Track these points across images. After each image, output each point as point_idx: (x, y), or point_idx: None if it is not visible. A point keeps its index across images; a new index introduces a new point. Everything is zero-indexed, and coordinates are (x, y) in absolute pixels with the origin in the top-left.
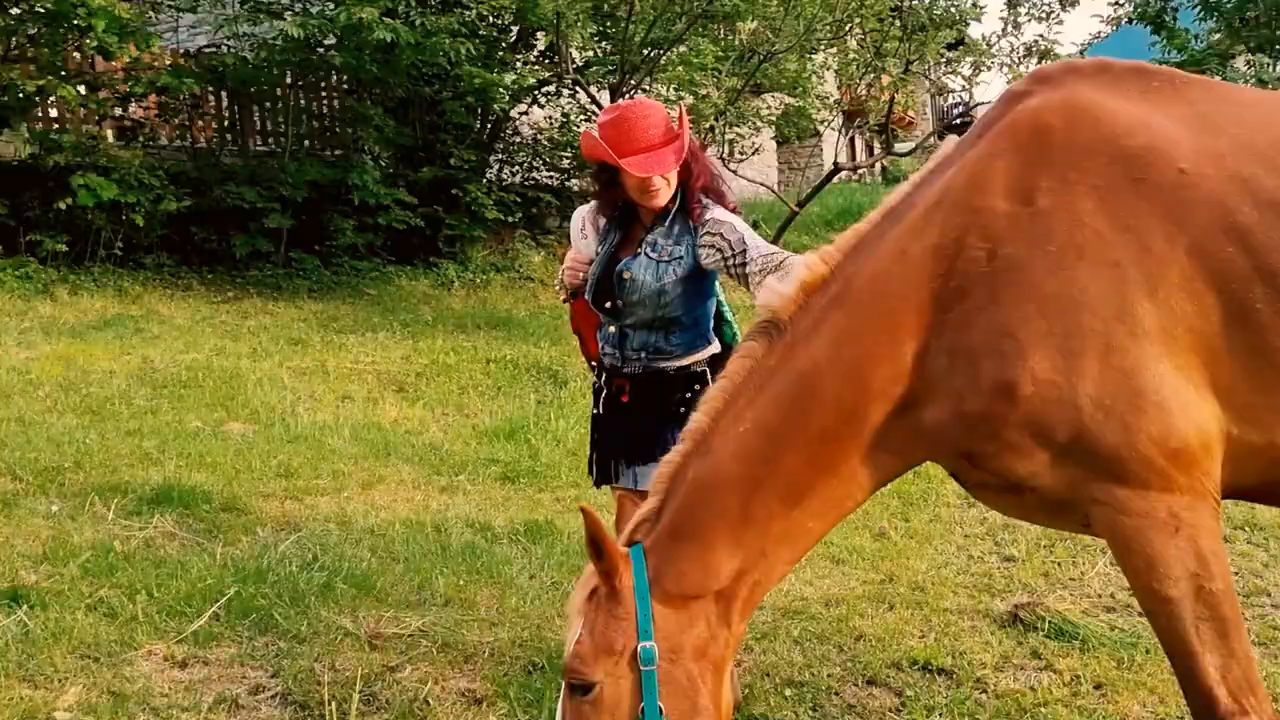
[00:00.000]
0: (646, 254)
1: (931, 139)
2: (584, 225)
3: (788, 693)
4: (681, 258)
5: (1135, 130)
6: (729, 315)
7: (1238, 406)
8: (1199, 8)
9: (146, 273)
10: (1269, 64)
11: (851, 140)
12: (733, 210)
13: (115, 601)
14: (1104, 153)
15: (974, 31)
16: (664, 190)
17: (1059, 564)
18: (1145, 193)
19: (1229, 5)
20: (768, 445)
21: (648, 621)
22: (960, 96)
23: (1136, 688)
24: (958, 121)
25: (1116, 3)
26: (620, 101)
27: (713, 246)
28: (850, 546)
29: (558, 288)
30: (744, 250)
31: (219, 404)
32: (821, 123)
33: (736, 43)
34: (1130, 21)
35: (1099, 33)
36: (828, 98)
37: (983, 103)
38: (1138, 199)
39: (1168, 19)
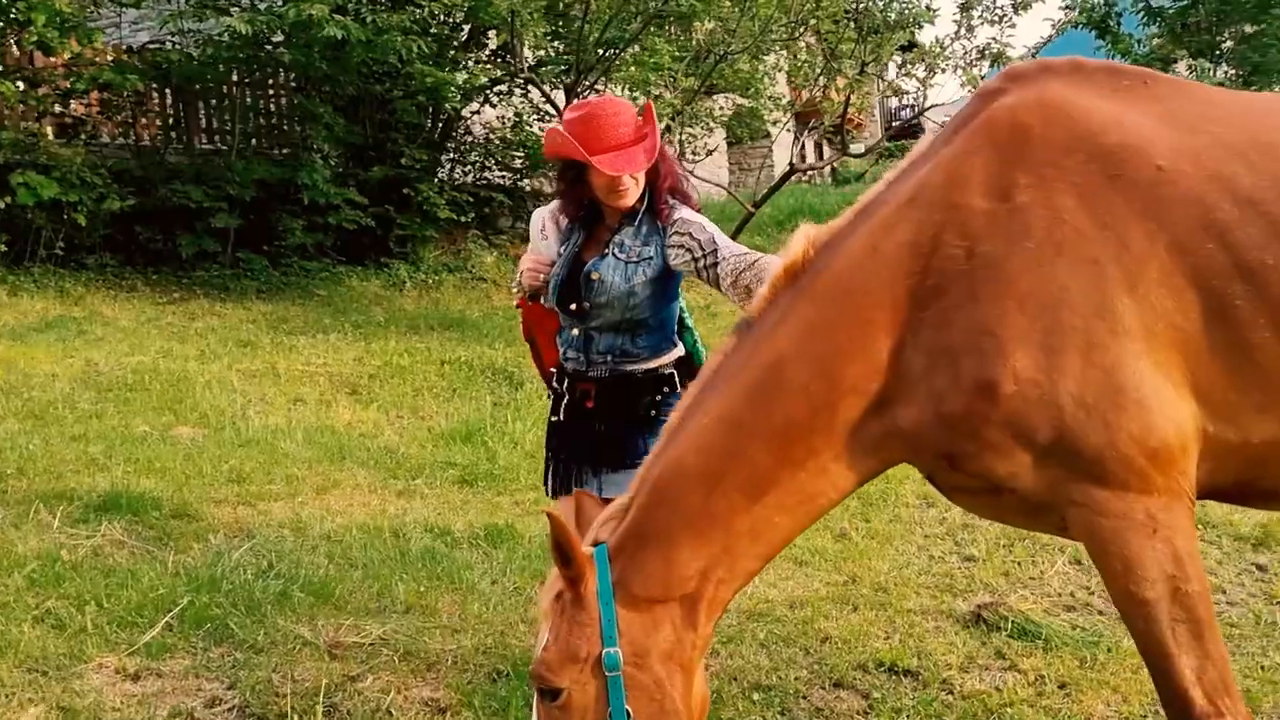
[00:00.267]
0: (614, 255)
1: (882, 142)
2: (544, 226)
3: (755, 697)
4: (651, 258)
5: (1110, 127)
6: (689, 321)
7: (1215, 404)
8: (1142, 13)
9: (89, 273)
10: (1209, 69)
11: (802, 142)
12: (696, 211)
13: (63, 613)
14: (1081, 150)
15: (927, 34)
16: (632, 190)
17: (1019, 563)
18: (1123, 189)
19: (1171, 11)
20: (730, 437)
21: (612, 627)
22: (911, 99)
23: (1100, 687)
24: (911, 122)
25: (1068, 6)
26: (588, 98)
27: (682, 246)
28: (812, 548)
29: (514, 289)
30: (715, 250)
31: (167, 407)
32: (774, 124)
33: (693, 43)
34: (1075, 26)
35: (1048, 36)
36: (780, 99)
37: (937, 104)
38: (1116, 196)
39: (1112, 24)
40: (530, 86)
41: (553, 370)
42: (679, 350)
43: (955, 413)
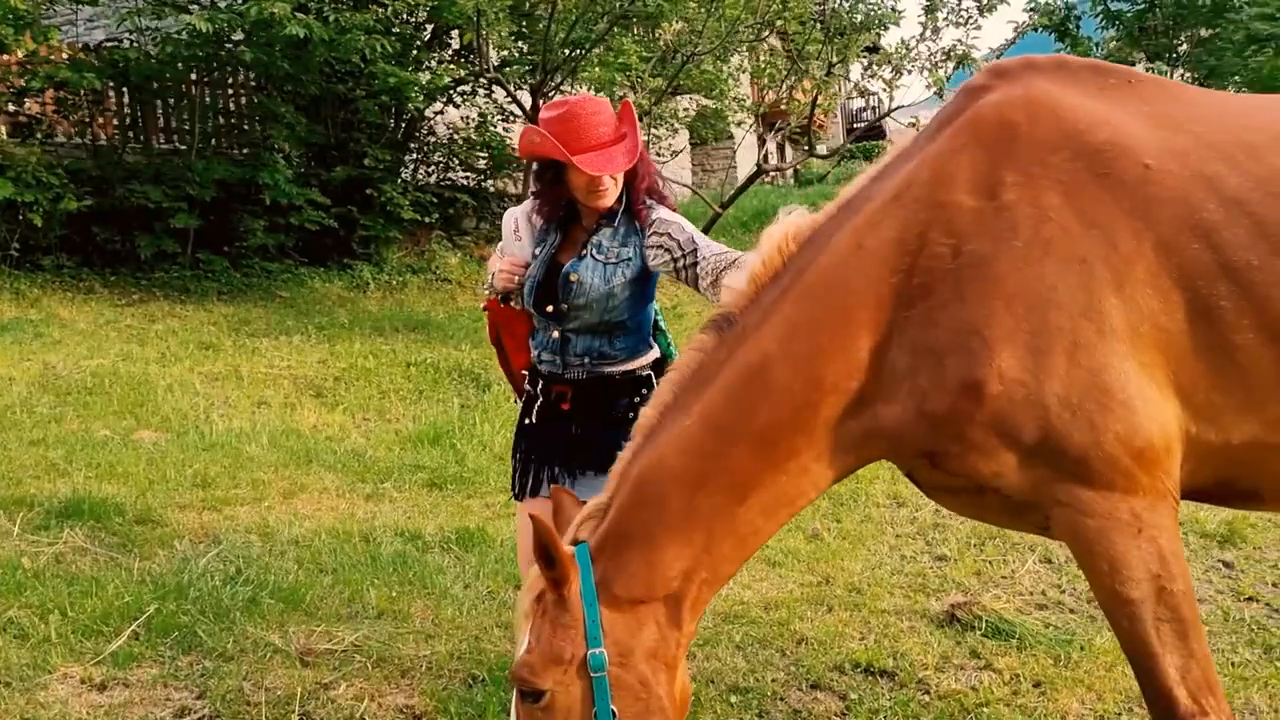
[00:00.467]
0: (592, 256)
1: (845, 144)
2: (517, 226)
3: (733, 699)
4: (630, 259)
5: (1097, 126)
6: (662, 324)
7: (1198, 405)
8: (1101, 16)
9: (45, 275)
10: (1166, 71)
11: (764, 143)
12: (673, 211)
13: (26, 622)
14: (1068, 148)
15: (893, 36)
16: (611, 190)
17: (990, 562)
18: (1110, 188)
19: (1129, 14)
20: (713, 439)
21: (596, 628)
22: (873, 100)
23: (1074, 685)
24: (874, 124)
25: (1032, 9)
26: (566, 97)
27: (661, 247)
28: (785, 548)
29: (485, 291)
30: (694, 250)
31: (128, 411)
32: (737, 124)
33: (661, 43)
34: (1035, 29)
35: (1011, 39)
36: (744, 100)
37: (901, 105)
38: (1103, 194)
39: (1071, 26)
40: (495, 87)
41: (523, 373)
42: (655, 352)
43: (939, 412)
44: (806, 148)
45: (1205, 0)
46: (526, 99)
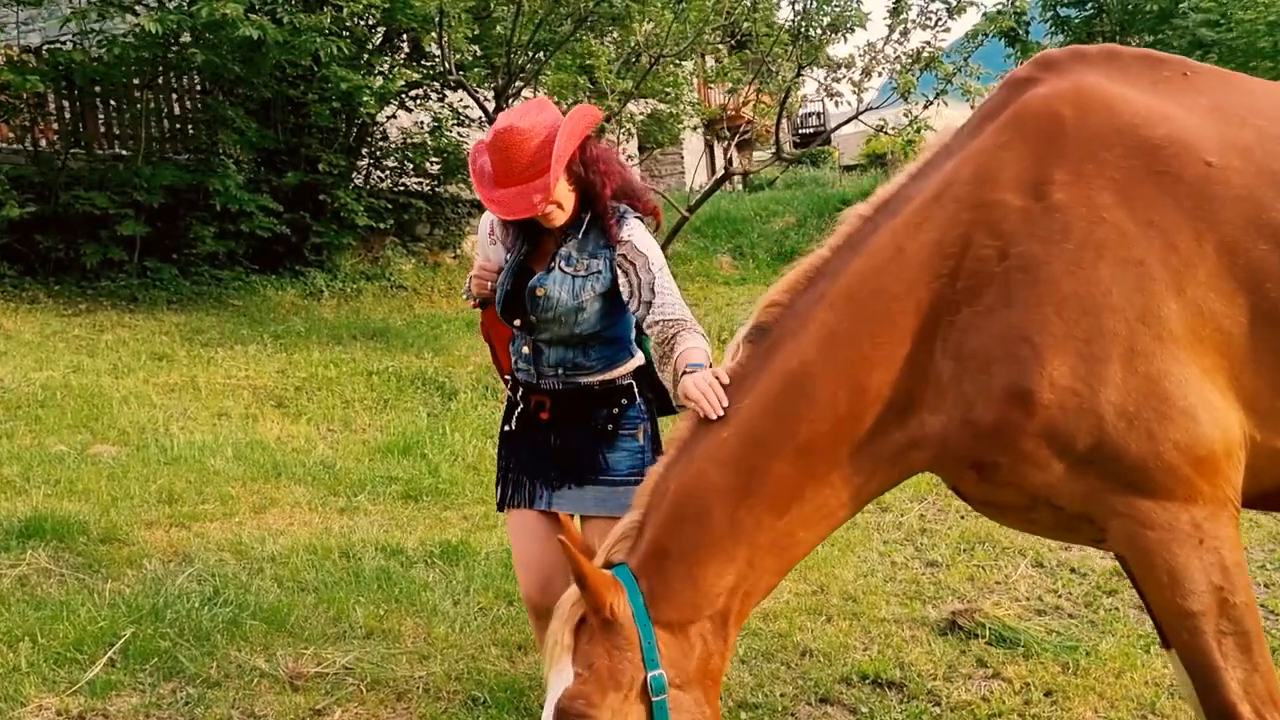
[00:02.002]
0: (560, 268)
1: (787, 147)
2: (492, 229)
3: (743, 716)
4: (599, 273)
5: (1155, 120)
6: None
7: (1261, 411)
8: (1050, 23)
9: None
10: None
11: (712, 149)
12: (651, 212)
13: None
14: (1122, 144)
15: (859, 38)
16: (556, 213)
17: (982, 568)
18: (1169, 186)
19: (1077, 20)
20: (754, 452)
21: (653, 649)
22: (819, 107)
23: (1086, 693)
24: (824, 131)
25: (1000, 12)
26: (512, 109)
27: (625, 274)
28: None
29: (465, 296)
30: (650, 301)
31: (82, 425)
32: (693, 129)
33: (629, 44)
34: (986, 35)
35: (972, 48)
36: (699, 104)
37: (867, 108)
38: (1161, 193)
39: (1020, 32)
40: (454, 90)
41: (508, 377)
42: (637, 359)
43: (986, 422)
44: (775, 149)
45: (1152, 7)
46: (492, 102)
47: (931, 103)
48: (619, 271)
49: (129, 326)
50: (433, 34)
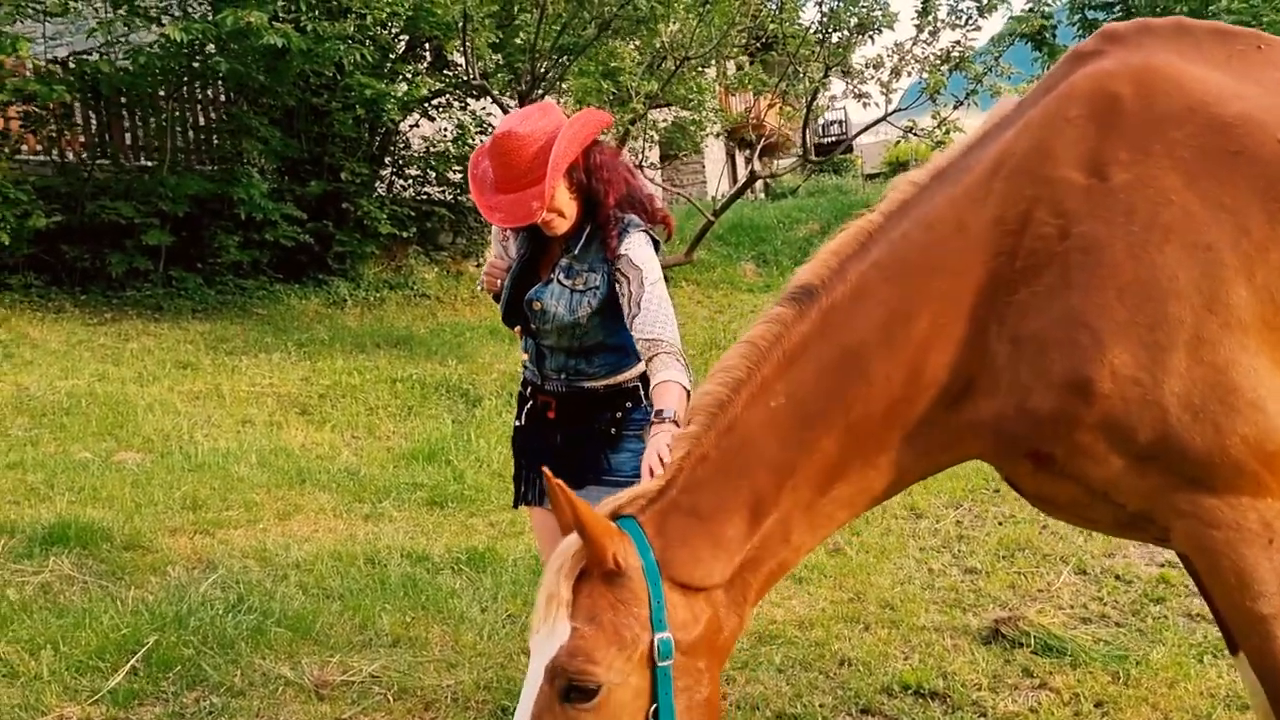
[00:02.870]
0: (559, 280)
1: (807, 162)
2: (505, 229)
3: None
4: (597, 287)
5: (1226, 98)
6: None
7: None
8: (1078, 26)
9: (13, 294)
10: None
11: (733, 157)
12: (662, 219)
13: (15, 659)
14: (1191, 122)
15: (886, 39)
16: (557, 221)
17: (1024, 575)
18: (1241, 167)
19: (1105, 23)
20: (804, 425)
21: (662, 610)
22: (841, 114)
23: (1138, 704)
24: (834, 139)
25: (1031, 10)
26: (515, 112)
27: (620, 285)
28: (808, 564)
29: (479, 288)
30: (635, 315)
31: (107, 432)
32: (715, 136)
33: (656, 45)
34: (1011, 38)
35: (998, 52)
36: (722, 110)
37: (896, 110)
38: (1233, 174)
39: (1048, 35)
40: (477, 98)
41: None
42: (643, 363)
43: (1043, 410)
44: (800, 151)
45: (1181, 9)
46: (515, 108)
47: (961, 103)
48: (618, 278)
49: (154, 335)
50: (456, 41)
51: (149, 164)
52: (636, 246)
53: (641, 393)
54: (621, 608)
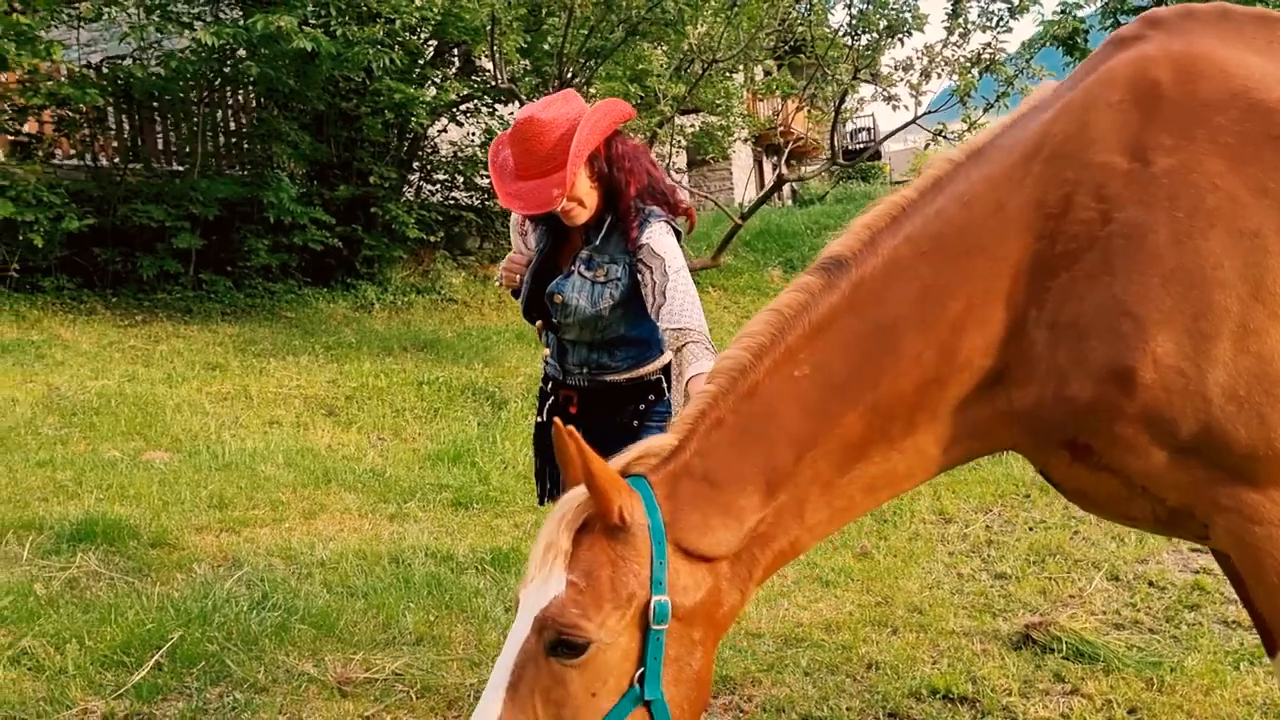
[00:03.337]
0: (580, 273)
1: (835, 165)
2: (522, 222)
3: None
4: (619, 279)
5: (1270, 83)
6: None
7: None
8: (1110, 31)
9: (46, 296)
10: None
11: (760, 164)
12: (684, 211)
13: (41, 653)
14: (1235, 107)
15: (916, 40)
16: (578, 211)
17: (1055, 581)
18: None
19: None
20: (828, 397)
21: (663, 571)
22: (868, 121)
23: (1173, 711)
24: (862, 145)
25: (1064, 13)
26: (535, 103)
27: (642, 275)
28: (835, 567)
29: (497, 283)
30: (661, 305)
31: (136, 432)
32: (744, 141)
33: (685, 47)
34: (1043, 43)
35: (1029, 55)
36: (750, 116)
37: (926, 112)
38: (1277, 159)
39: (1079, 40)
40: (505, 103)
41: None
42: (666, 356)
43: (1081, 399)
44: (829, 154)
45: None
46: None
47: (991, 106)
48: (640, 268)
49: (184, 337)
50: (484, 46)
51: (180, 168)
52: (658, 235)
53: (665, 385)
54: (622, 564)
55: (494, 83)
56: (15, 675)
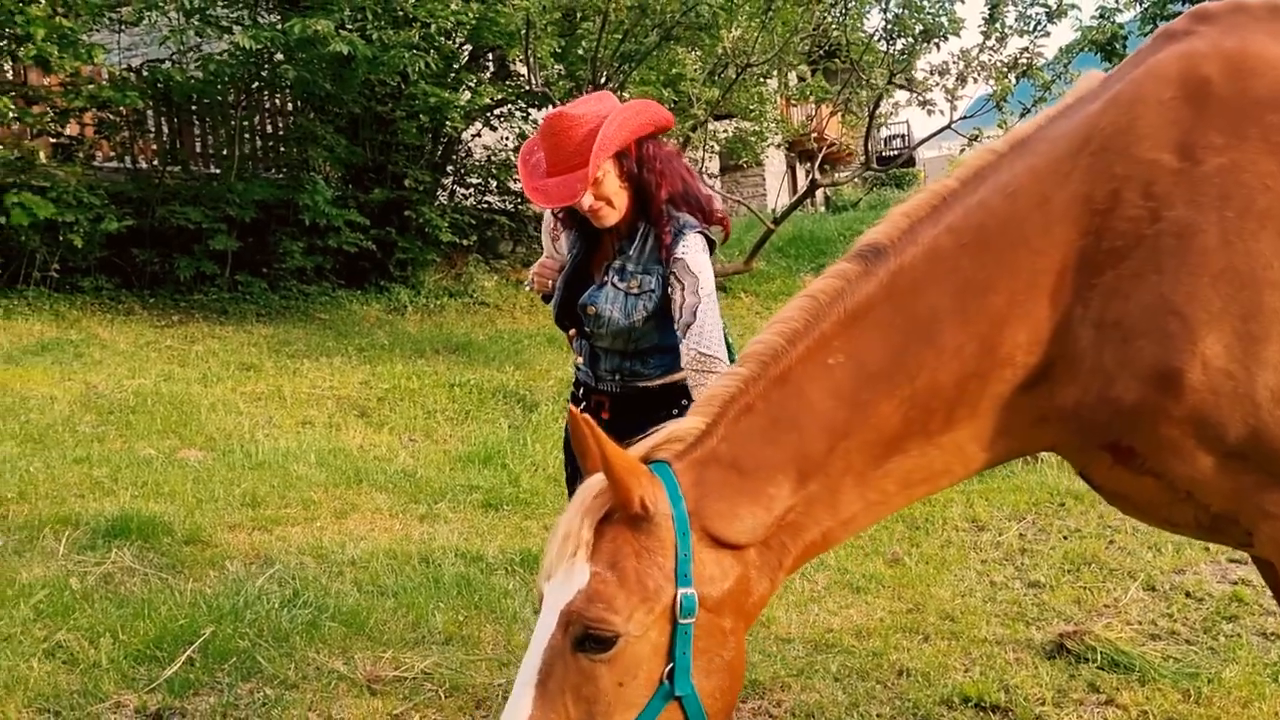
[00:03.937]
0: (614, 284)
1: (869, 170)
2: (555, 226)
3: None
4: (653, 290)
5: None
6: (729, 338)
7: None
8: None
9: (85, 296)
10: None
11: (793, 170)
12: (719, 219)
13: (75, 647)
14: None
15: (953, 45)
16: (606, 211)
17: (1089, 590)
18: None
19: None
20: (863, 386)
21: (688, 563)
22: (902, 129)
23: None
24: (896, 152)
25: (1103, 18)
26: (568, 103)
27: (673, 290)
28: (866, 573)
29: (527, 287)
30: (688, 324)
31: (171, 430)
32: (777, 146)
33: (718, 51)
34: (1080, 49)
35: (1066, 61)
36: (784, 121)
37: (962, 117)
38: None
39: (1118, 47)
40: (539, 107)
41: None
42: None
43: (1126, 400)
44: (863, 159)
45: None
46: None
47: (1028, 111)
48: (671, 282)
49: (219, 338)
50: (518, 50)
51: (217, 170)
52: (694, 251)
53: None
54: (646, 556)
55: (528, 87)
56: (50, 668)
